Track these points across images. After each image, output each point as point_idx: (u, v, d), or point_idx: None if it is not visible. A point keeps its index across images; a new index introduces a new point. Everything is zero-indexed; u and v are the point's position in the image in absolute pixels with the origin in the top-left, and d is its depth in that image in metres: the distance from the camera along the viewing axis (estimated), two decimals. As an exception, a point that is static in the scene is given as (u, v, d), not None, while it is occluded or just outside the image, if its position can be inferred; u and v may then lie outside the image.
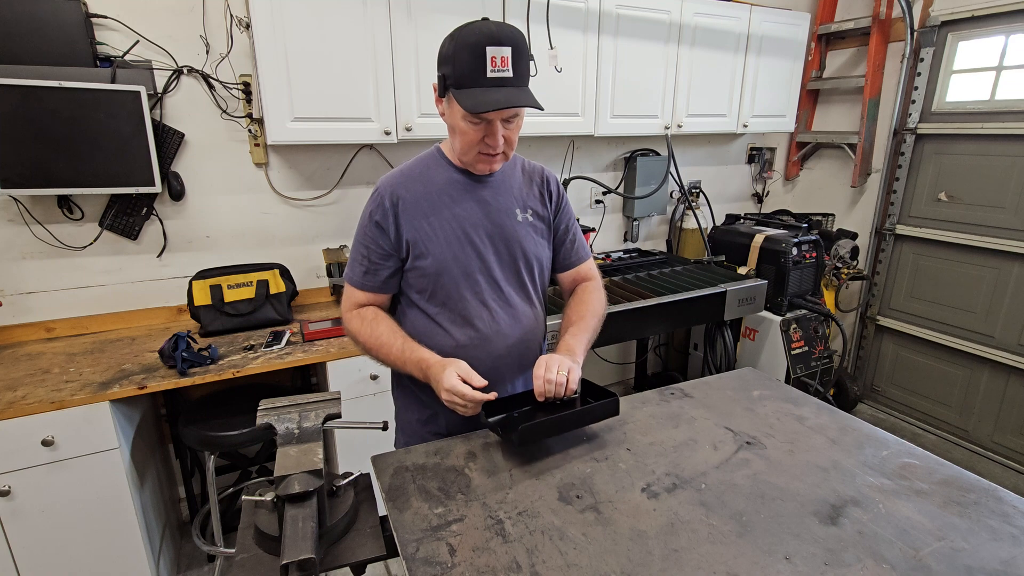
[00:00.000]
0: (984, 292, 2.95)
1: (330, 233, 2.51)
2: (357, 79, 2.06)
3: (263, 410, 1.07)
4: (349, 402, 2.00)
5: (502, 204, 1.26)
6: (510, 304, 1.29)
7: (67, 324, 2.14)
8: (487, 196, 1.26)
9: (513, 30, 1.09)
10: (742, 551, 0.84)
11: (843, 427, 1.20)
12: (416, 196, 1.22)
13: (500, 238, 1.26)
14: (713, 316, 2.68)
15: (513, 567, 0.81)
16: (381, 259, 1.24)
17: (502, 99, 1.07)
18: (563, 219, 1.37)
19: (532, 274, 1.32)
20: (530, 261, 1.30)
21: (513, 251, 1.27)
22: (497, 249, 1.26)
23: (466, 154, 1.18)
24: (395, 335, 1.22)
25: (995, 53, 2.83)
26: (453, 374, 1.10)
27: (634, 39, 2.58)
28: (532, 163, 1.38)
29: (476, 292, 1.25)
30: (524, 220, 1.29)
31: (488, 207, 1.25)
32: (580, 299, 1.37)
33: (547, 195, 1.34)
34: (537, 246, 1.31)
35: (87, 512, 1.73)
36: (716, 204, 3.53)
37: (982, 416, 3.02)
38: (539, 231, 1.32)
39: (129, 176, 1.98)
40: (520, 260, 1.28)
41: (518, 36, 1.09)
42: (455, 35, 1.09)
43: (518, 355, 1.31)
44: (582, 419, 1.16)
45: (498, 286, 1.27)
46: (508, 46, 1.06)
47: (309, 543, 0.80)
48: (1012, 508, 0.94)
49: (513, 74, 1.08)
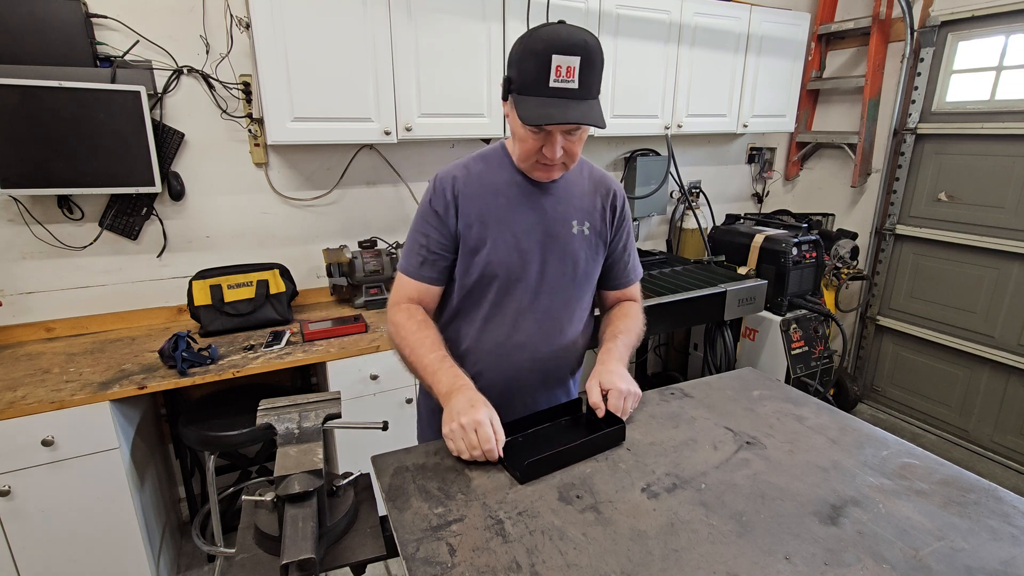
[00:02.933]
0: (984, 292, 2.95)
1: (330, 233, 2.51)
2: (357, 79, 2.06)
3: (263, 410, 1.07)
4: (349, 402, 2.00)
5: (559, 213, 1.21)
6: (550, 317, 1.23)
7: (67, 324, 2.14)
8: (545, 203, 1.20)
9: (587, 38, 1.01)
10: (742, 551, 0.84)
11: (843, 427, 1.20)
12: (474, 192, 1.18)
13: (552, 248, 1.20)
14: (713, 316, 2.68)
15: (513, 567, 0.81)
16: (440, 249, 1.20)
17: (558, 114, 1.01)
18: (622, 237, 1.31)
19: (580, 290, 1.26)
20: (579, 277, 1.24)
21: (564, 264, 1.22)
22: (546, 259, 1.20)
23: (524, 161, 1.15)
24: (438, 343, 1.16)
25: (995, 53, 2.83)
26: (487, 414, 1.02)
27: (634, 39, 2.58)
28: (601, 172, 1.30)
29: (514, 299, 1.21)
30: (580, 233, 1.23)
31: (545, 215, 1.20)
32: (626, 313, 1.32)
33: (610, 210, 1.27)
34: (588, 263, 1.25)
35: (87, 512, 1.73)
36: (716, 204, 3.53)
37: (982, 416, 3.02)
38: (593, 246, 1.25)
39: (129, 176, 1.98)
40: (569, 274, 1.23)
41: (592, 45, 1.00)
42: (525, 36, 1.04)
43: (543, 372, 1.26)
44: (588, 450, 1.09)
45: (539, 297, 1.22)
46: (577, 56, 0.99)
47: (309, 543, 0.80)
48: (1012, 508, 0.94)
49: (579, 86, 1.01)
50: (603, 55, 1.04)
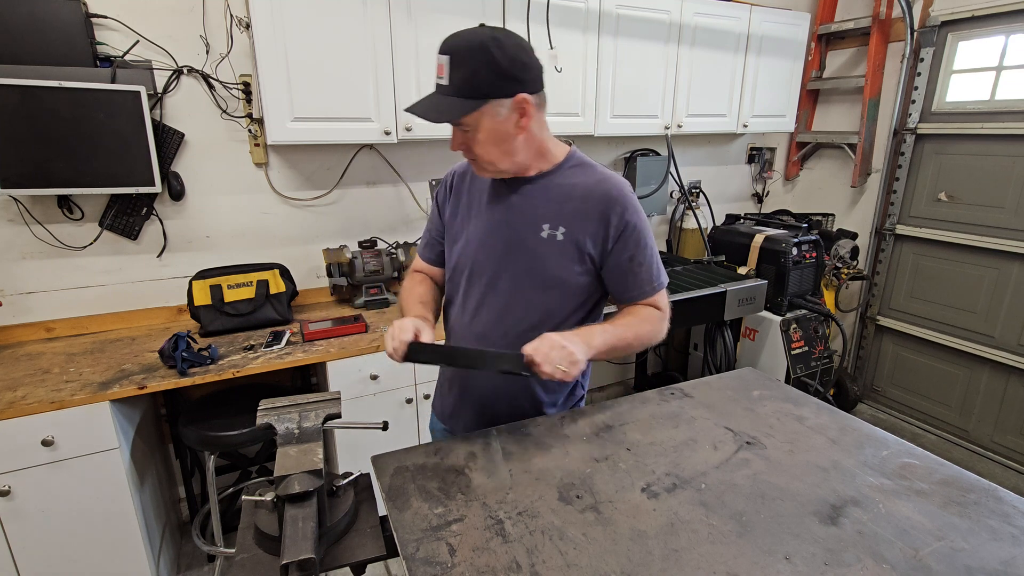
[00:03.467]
0: (984, 292, 2.95)
1: (330, 233, 2.51)
2: (357, 79, 2.06)
3: (263, 410, 1.07)
4: (349, 402, 2.00)
5: (528, 215, 1.20)
6: (511, 314, 1.23)
7: (67, 324, 2.14)
8: (516, 203, 1.21)
9: (461, 39, 1.04)
10: (742, 551, 0.84)
11: (843, 427, 1.20)
12: (466, 187, 1.29)
13: (516, 248, 1.20)
14: (713, 316, 2.68)
15: (513, 567, 0.81)
16: (437, 235, 1.35)
17: (418, 107, 1.07)
18: (628, 249, 1.21)
19: (549, 294, 1.22)
20: (547, 280, 1.21)
21: (527, 264, 1.21)
22: (507, 258, 1.21)
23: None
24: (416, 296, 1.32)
25: (995, 53, 2.83)
26: (411, 322, 1.14)
27: (634, 39, 2.58)
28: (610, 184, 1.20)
29: (476, 290, 1.25)
30: (550, 237, 1.19)
31: (513, 214, 1.21)
32: (633, 312, 1.25)
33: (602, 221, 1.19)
34: (560, 268, 1.21)
35: (87, 512, 1.73)
36: (716, 204, 3.53)
37: (982, 416, 3.02)
38: (567, 252, 1.20)
39: (129, 176, 1.98)
40: (536, 276, 1.21)
41: (462, 45, 1.03)
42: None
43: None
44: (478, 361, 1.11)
45: (497, 292, 1.23)
46: (447, 55, 1.03)
47: (309, 543, 0.80)
48: (1012, 508, 0.94)
49: (448, 83, 1.04)
50: (488, 55, 1.02)
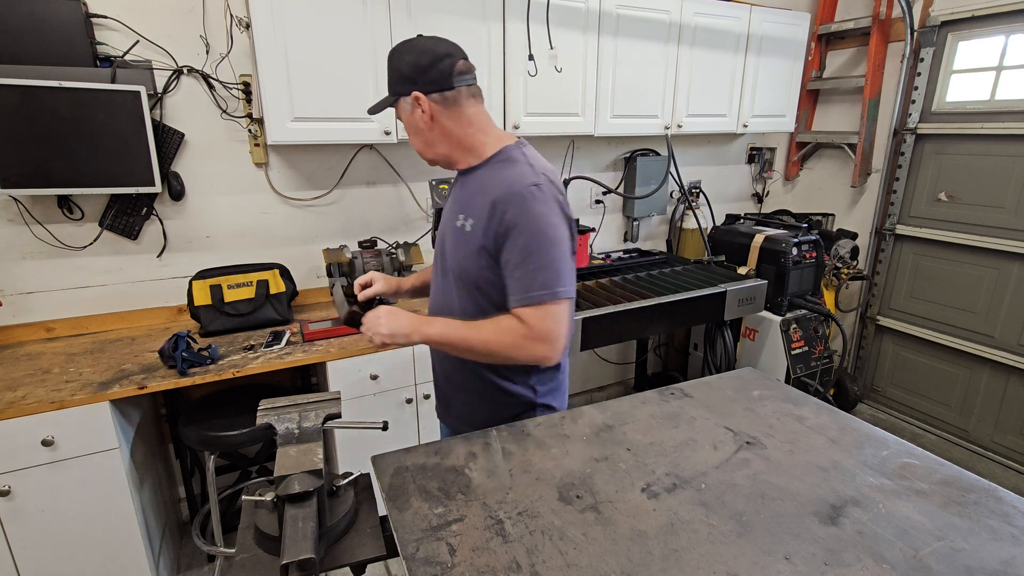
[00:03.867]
0: (984, 292, 2.95)
1: (330, 233, 2.51)
2: (357, 79, 2.06)
3: (263, 410, 1.07)
4: (349, 402, 2.00)
5: (454, 206, 1.29)
6: (445, 302, 1.32)
7: (67, 324, 2.14)
8: (454, 194, 1.32)
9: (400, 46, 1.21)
10: (742, 551, 0.84)
11: (843, 427, 1.20)
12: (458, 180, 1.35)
13: (447, 238, 1.29)
14: (713, 316, 2.68)
15: (513, 567, 0.81)
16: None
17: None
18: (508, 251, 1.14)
19: (458, 284, 1.25)
20: (452, 269, 1.26)
21: (450, 253, 1.28)
22: (444, 246, 1.31)
23: None
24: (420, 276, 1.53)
25: (995, 53, 2.83)
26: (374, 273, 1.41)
27: (634, 39, 2.58)
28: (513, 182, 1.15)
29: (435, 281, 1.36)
30: (461, 227, 1.22)
31: (449, 205, 1.33)
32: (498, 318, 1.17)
33: (495, 219, 1.14)
34: (462, 257, 1.21)
35: (87, 512, 1.73)
36: (716, 204, 3.53)
37: (982, 416, 3.02)
38: (470, 244, 1.19)
39: (129, 176, 1.98)
40: (449, 265, 1.28)
41: (394, 51, 1.21)
42: None
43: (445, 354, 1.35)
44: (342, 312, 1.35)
45: (437, 282, 1.35)
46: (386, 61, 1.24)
47: (309, 543, 0.80)
48: (1012, 508, 0.94)
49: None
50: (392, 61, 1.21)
